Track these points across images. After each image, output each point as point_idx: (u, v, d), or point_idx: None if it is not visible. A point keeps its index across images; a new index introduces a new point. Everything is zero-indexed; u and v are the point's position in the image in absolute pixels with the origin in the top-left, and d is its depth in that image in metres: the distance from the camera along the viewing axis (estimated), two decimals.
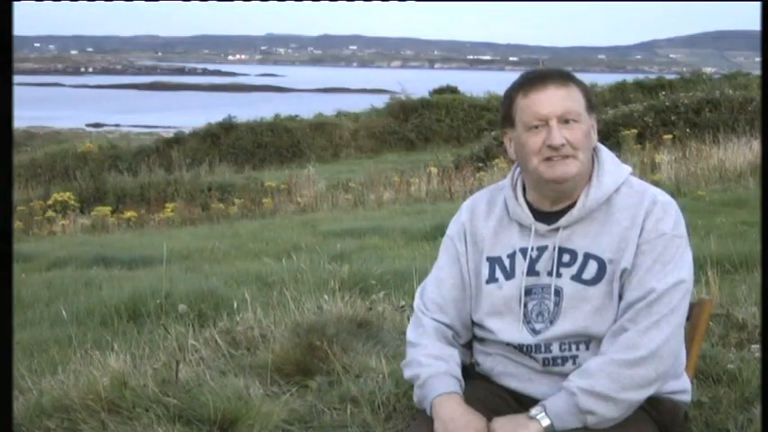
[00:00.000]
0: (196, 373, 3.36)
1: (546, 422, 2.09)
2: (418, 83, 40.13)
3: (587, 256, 2.18)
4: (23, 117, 39.57)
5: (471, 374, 2.35)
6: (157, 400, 3.02)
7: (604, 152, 2.28)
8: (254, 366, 3.52)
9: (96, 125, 50.60)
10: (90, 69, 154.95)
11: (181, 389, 3.12)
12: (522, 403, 2.21)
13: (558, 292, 2.19)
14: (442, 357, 2.28)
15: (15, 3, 2.03)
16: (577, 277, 2.18)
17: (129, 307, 5.62)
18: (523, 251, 2.24)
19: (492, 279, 2.27)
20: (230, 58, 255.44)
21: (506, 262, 2.26)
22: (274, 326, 3.91)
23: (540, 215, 2.25)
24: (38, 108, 52.54)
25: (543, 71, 2.24)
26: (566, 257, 2.20)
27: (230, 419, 2.96)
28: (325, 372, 3.43)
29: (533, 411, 2.11)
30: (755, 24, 2.40)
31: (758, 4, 2.28)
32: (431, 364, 2.27)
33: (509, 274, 2.25)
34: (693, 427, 2.79)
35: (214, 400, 2.99)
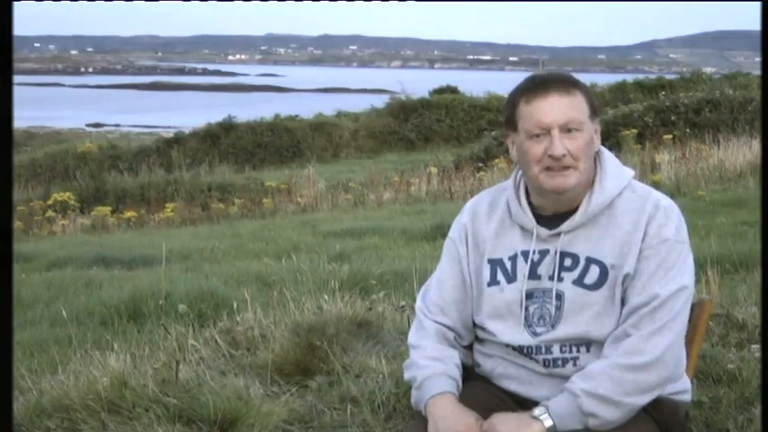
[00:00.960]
0: (196, 373, 3.36)
1: (549, 423, 2.09)
2: (418, 83, 40.12)
3: (589, 261, 2.18)
4: (23, 117, 39.54)
5: (471, 376, 2.35)
6: (157, 400, 3.02)
7: (607, 156, 2.26)
8: (254, 366, 3.53)
9: (96, 125, 50.55)
10: (90, 69, 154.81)
11: (181, 389, 3.12)
12: (521, 405, 2.21)
13: (559, 297, 2.19)
14: (440, 359, 2.29)
15: (15, 3, 2.03)
16: (579, 282, 2.18)
17: (129, 307, 5.63)
18: (525, 254, 2.24)
19: (493, 282, 2.27)
20: (230, 58, 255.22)
21: (508, 264, 2.26)
22: (274, 326, 3.91)
23: (542, 219, 2.25)
24: (38, 108, 52.48)
25: (546, 77, 2.21)
26: (567, 262, 2.20)
27: (230, 419, 2.96)
28: (326, 372, 3.43)
29: (536, 411, 2.11)
30: (755, 24, 2.40)
31: (758, 4, 2.28)
32: (428, 365, 2.28)
33: (510, 278, 2.25)
34: (693, 427, 2.79)
35: (214, 400, 2.99)
